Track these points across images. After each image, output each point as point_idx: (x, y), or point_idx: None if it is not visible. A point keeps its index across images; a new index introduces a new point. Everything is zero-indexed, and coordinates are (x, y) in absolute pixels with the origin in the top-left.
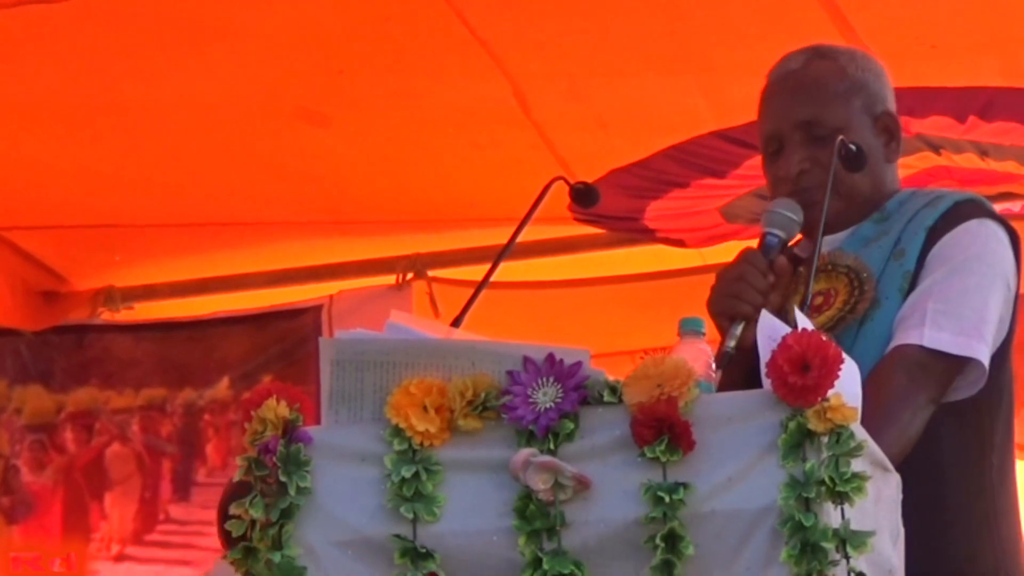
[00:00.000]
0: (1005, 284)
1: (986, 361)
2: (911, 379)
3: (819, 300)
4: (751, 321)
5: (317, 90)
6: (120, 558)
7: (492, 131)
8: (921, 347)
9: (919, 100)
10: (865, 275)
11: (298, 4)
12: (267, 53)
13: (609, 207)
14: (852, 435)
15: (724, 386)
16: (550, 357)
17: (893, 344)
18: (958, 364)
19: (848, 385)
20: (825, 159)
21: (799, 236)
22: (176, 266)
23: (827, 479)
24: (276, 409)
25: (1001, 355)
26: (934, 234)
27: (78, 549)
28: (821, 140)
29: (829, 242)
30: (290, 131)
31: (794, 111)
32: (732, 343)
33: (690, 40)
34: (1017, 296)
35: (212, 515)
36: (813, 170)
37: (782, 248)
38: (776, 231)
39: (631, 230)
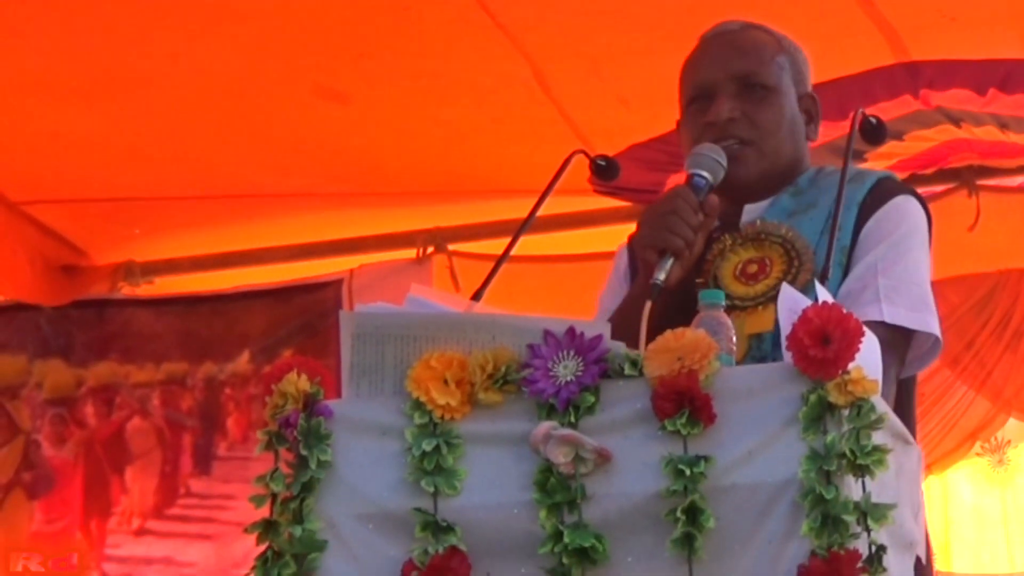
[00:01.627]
0: (928, 259)
1: (939, 333)
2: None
3: (754, 268)
4: (680, 256)
5: (338, 70)
6: (141, 532)
7: (512, 108)
8: (883, 323)
9: (939, 73)
10: (800, 245)
11: None
12: (288, 33)
13: (629, 180)
14: (873, 408)
15: (653, 318)
16: (571, 330)
17: None
18: (911, 338)
19: (869, 358)
20: (755, 115)
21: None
22: (196, 239)
23: (848, 452)
24: (297, 383)
25: None
26: (865, 209)
27: (99, 524)
28: (753, 96)
29: (749, 211)
30: (311, 107)
31: (731, 63)
32: (662, 276)
33: (709, 16)
34: None
35: (233, 489)
36: (741, 121)
37: (709, 190)
38: (703, 173)
39: (651, 202)
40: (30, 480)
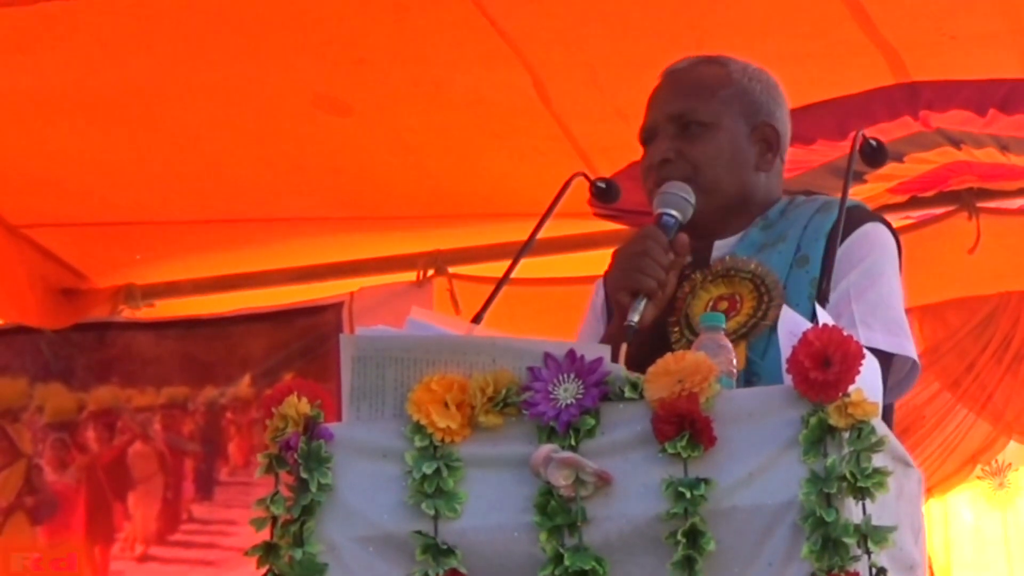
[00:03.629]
0: (900, 285)
1: (916, 356)
2: None
3: (724, 305)
4: (652, 296)
5: (338, 80)
6: (144, 559)
7: (512, 121)
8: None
9: (939, 93)
10: (770, 280)
11: None
12: (288, 44)
13: (629, 201)
14: (873, 430)
15: (631, 359)
16: (571, 353)
17: None
18: (890, 363)
19: (869, 380)
20: (689, 152)
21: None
22: (196, 264)
23: (848, 474)
24: (297, 406)
25: None
26: (833, 239)
27: (102, 550)
28: (690, 134)
29: (719, 247)
30: (311, 122)
31: (669, 103)
32: (636, 318)
33: (710, 32)
34: None
35: (235, 515)
36: (677, 162)
37: (679, 228)
38: (672, 211)
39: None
40: (33, 505)
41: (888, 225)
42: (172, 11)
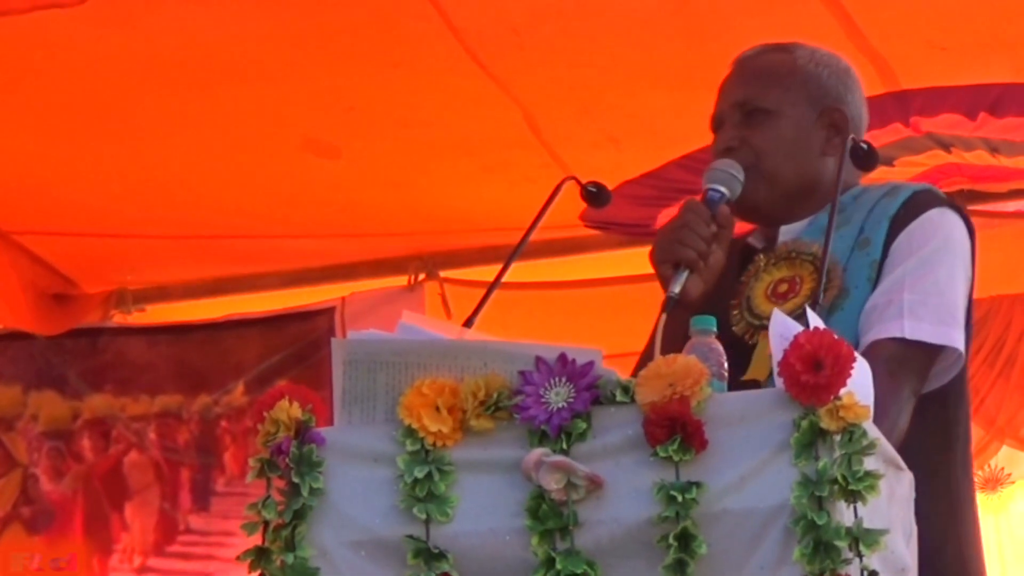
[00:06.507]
0: (967, 272)
1: (963, 347)
2: (894, 374)
3: (784, 287)
4: (695, 269)
5: (328, 125)
6: (143, 570)
7: (503, 154)
8: (903, 339)
9: (929, 99)
10: (831, 263)
11: (307, 43)
12: (278, 86)
13: (620, 215)
14: (865, 433)
15: (668, 330)
16: (562, 357)
17: (873, 336)
18: (935, 353)
19: (860, 383)
20: (752, 140)
21: (752, 226)
22: (186, 274)
23: (840, 477)
24: (288, 410)
25: (965, 345)
26: (897, 223)
27: (100, 560)
28: (753, 122)
29: (787, 231)
30: (303, 160)
31: (734, 91)
32: (677, 288)
33: (699, 56)
34: (973, 285)
35: (232, 525)
36: (741, 149)
37: (725, 203)
38: (718, 187)
39: (643, 235)
40: (29, 515)
41: (958, 209)
42: (174, 52)
